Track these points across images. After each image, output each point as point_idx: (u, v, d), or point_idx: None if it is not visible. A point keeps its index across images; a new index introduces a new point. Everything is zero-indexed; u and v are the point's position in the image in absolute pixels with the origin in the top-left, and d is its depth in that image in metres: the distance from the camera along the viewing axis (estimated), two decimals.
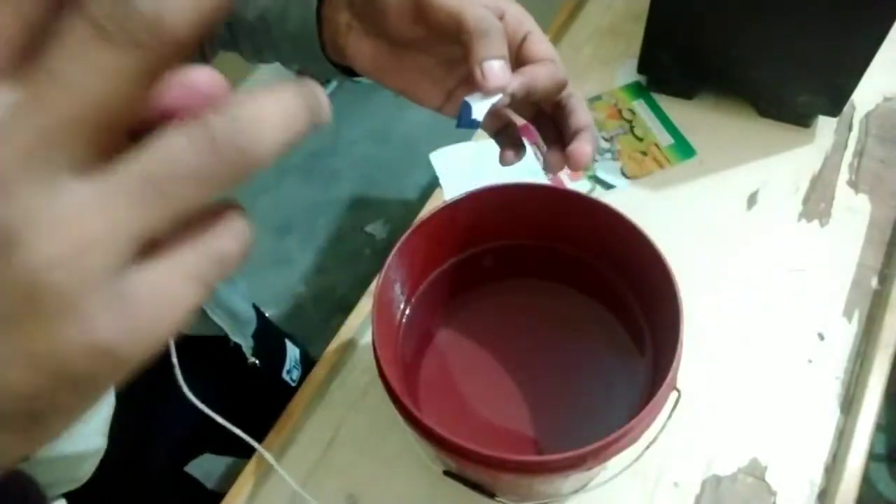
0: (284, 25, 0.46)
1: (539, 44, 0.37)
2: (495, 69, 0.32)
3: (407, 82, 0.40)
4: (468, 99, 0.33)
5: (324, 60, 0.45)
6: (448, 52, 0.39)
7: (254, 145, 0.16)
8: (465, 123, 0.33)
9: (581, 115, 0.39)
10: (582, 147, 0.38)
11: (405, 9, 0.36)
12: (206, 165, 0.16)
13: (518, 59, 0.37)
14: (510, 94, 0.34)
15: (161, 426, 0.63)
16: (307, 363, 0.81)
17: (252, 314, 0.70)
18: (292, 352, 0.78)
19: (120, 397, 0.53)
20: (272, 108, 0.16)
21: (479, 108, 0.33)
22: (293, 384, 0.76)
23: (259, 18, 0.48)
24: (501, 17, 0.36)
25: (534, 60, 0.36)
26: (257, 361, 0.66)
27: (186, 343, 0.54)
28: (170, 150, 0.16)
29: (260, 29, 0.49)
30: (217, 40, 0.58)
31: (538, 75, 0.35)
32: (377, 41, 0.40)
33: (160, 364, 0.53)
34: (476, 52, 0.32)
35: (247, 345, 0.65)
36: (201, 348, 0.56)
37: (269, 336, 0.66)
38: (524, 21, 0.37)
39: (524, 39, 0.37)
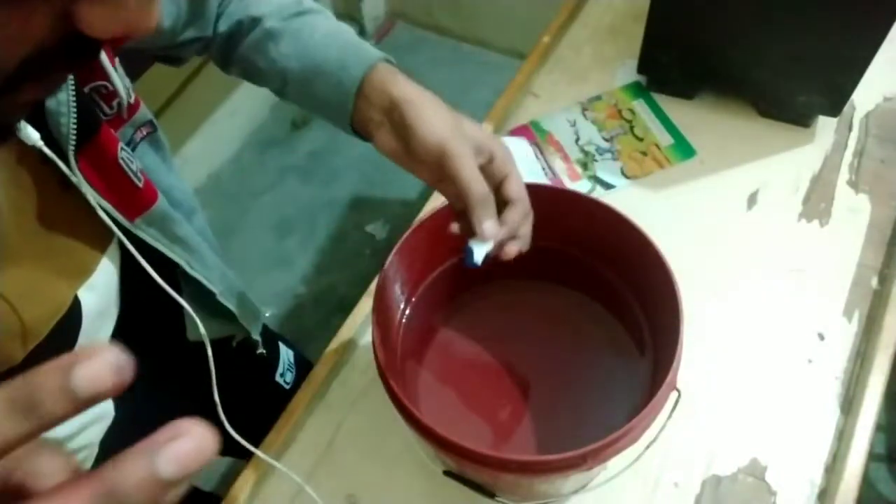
0: (310, 91, 0.51)
1: (514, 185, 0.48)
2: (490, 227, 0.45)
3: (422, 175, 0.49)
4: (471, 244, 0.46)
5: (349, 130, 0.51)
6: None
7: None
8: (470, 263, 0.45)
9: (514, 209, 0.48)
10: (510, 247, 0.47)
11: (431, 165, 0.45)
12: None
13: (498, 194, 0.47)
14: (499, 241, 0.46)
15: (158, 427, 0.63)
16: (302, 365, 0.80)
17: (258, 309, 0.70)
18: (286, 354, 0.78)
19: (118, 405, 0.53)
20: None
21: (479, 252, 0.45)
22: (287, 387, 0.76)
23: (278, 72, 0.52)
24: (491, 160, 0.47)
25: (510, 198, 0.47)
26: (265, 352, 0.66)
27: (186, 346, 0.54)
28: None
29: (277, 79, 0.53)
30: (251, 73, 0.57)
31: (514, 221, 0.47)
32: (402, 143, 0.47)
33: (157, 368, 0.53)
34: (477, 214, 0.44)
35: (256, 331, 0.64)
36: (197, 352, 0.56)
37: (262, 338, 0.66)
38: (507, 163, 0.48)
39: (504, 179, 0.47)
